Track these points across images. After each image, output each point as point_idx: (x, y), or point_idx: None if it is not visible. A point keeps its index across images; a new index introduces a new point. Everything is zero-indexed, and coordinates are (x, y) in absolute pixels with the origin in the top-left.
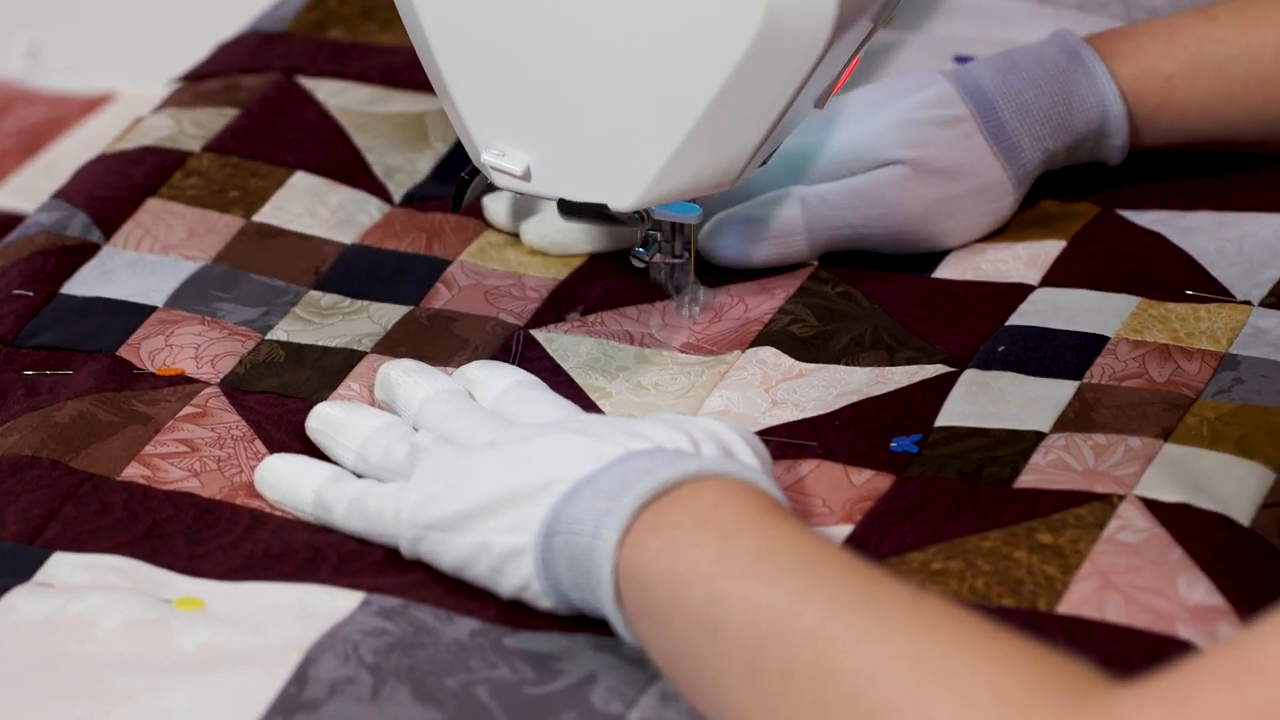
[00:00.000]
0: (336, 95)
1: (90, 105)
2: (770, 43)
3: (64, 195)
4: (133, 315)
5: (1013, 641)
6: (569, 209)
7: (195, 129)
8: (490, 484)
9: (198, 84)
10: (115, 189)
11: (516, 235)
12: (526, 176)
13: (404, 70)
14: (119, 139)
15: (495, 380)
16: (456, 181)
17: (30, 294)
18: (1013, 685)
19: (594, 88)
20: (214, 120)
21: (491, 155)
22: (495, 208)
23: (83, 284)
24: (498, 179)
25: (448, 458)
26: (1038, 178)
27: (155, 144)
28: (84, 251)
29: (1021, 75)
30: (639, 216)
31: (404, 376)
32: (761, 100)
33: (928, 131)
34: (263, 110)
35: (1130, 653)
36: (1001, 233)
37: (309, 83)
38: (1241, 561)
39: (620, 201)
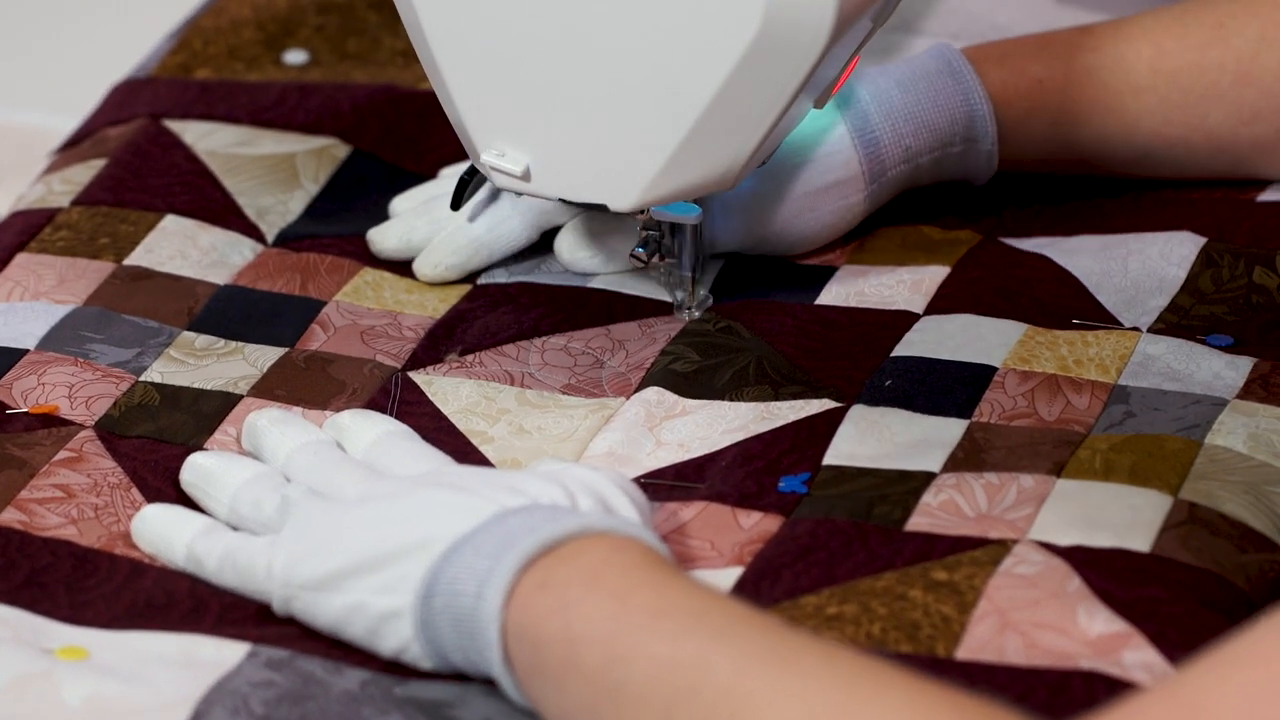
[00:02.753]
0: (204, 138)
1: None
2: (769, 43)
3: None
4: (3, 359)
5: (935, 691)
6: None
7: (63, 185)
8: (362, 542)
9: (70, 149)
10: None
11: (404, 263)
12: (526, 177)
13: (271, 109)
14: None
15: (365, 430)
16: (457, 181)
17: None
18: None
19: (593, 88)
20: (82, 174)
21: (491, 155)
22: (382, 241)
23: None
24: (497, 179)
25: (318, 512)
26: (911, 199)
27: (24, 208)
28: None
29: (890, 78)
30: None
31: (270, 427)
32: (761, 100)
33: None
34: (130, 157)
35: (1034, 691)
36: (881, 255)
37: (176, 125)
38: (1141, 582)
39: (620, 202)
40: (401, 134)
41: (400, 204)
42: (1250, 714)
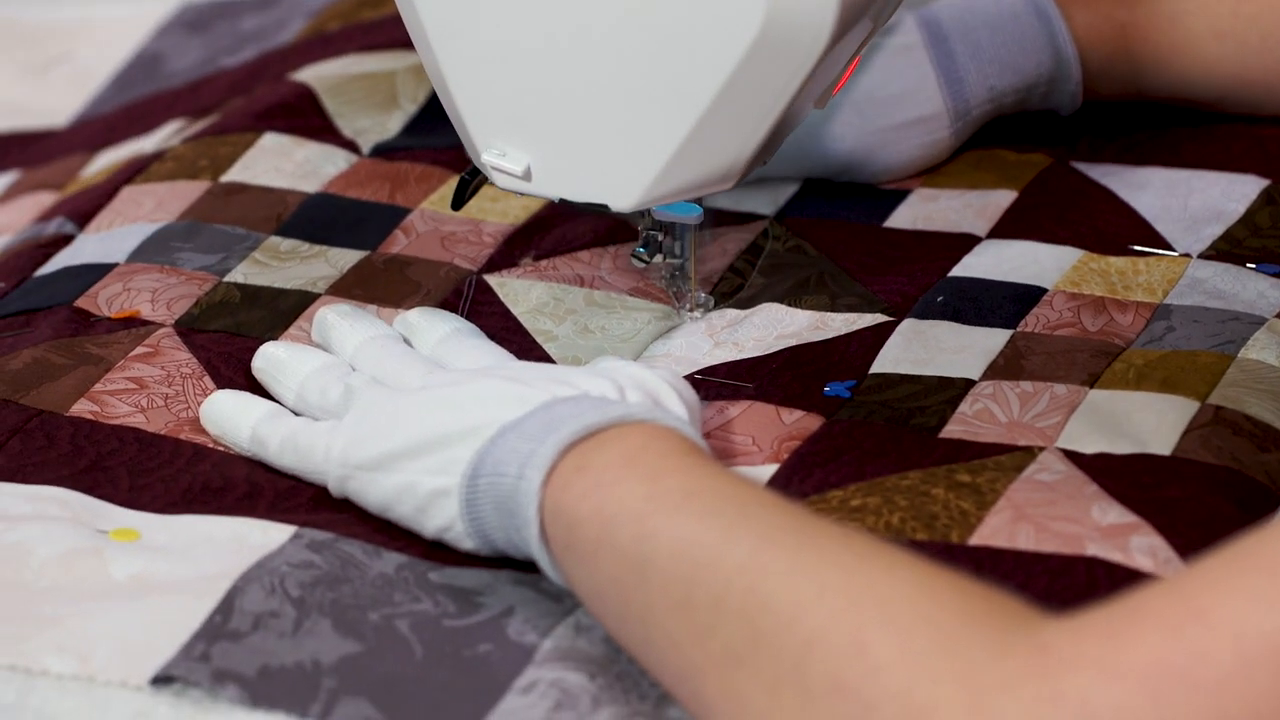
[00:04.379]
0: (313, 69)
1: None
2: (771, 43)
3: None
4: (94, 273)
5: (943, 574)
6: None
7: (177, 136)
8: (418, 426)
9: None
10: (96, 192)
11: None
12: (526, 176)
13: (381, 35)
14: None
15: (434, 327)
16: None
17: (3, 285)
18: (945, 615)
19: (595, 87)
20: (196, 128)
21: (492, 155)
22: None
23: (53, 265)
24: (498, 179)
25: (379, 399)
26: (992, 123)
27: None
28: (59, 243)
29: (977, 15)
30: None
31: (339, 320)
32: (762, 100)
33: (879, 56)
34: (240, 98)
35: (1035, 577)
36: (955, 178)
37: (292, 73)
38: (1157, 484)
39: (621, 202)
40: None
41: None
42: (1252, 622)
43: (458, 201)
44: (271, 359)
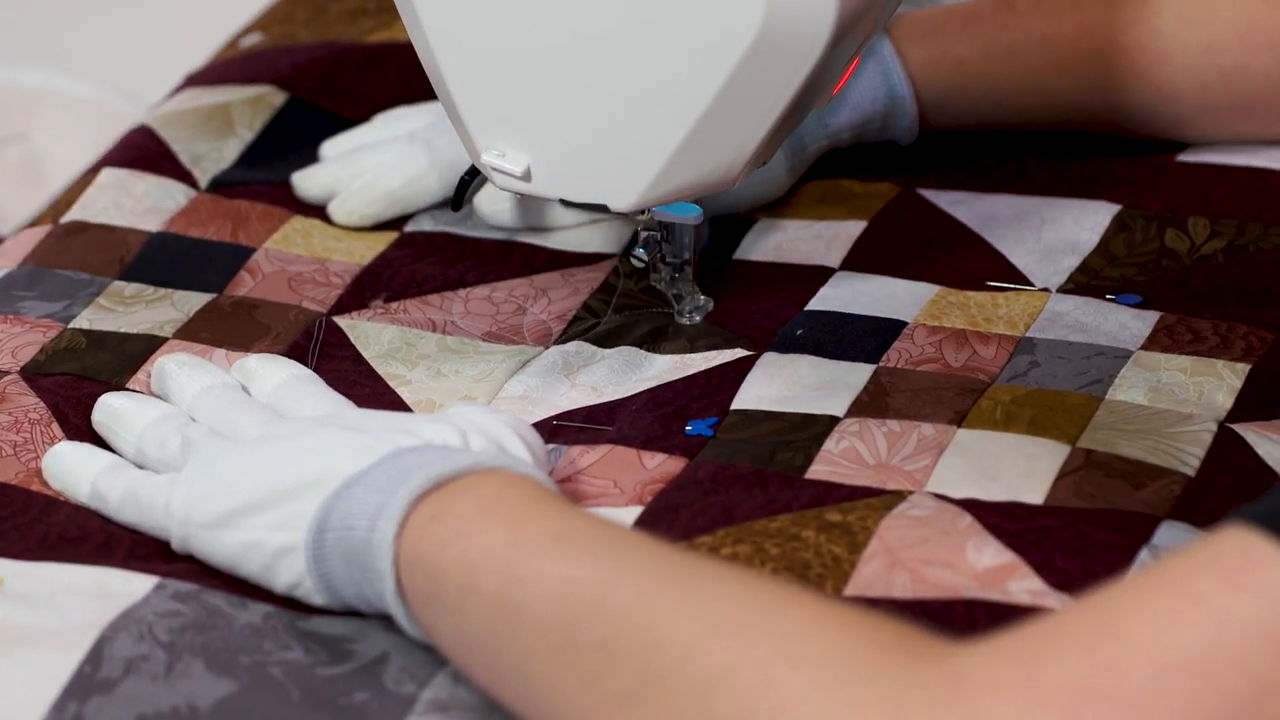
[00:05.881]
0: (150, 111)
1: None
2: (770, 43)
3: None
4: None
5: (843, 607)
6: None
7: None
8: (258, 481)
9: None
10: None
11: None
12: (526, 177)
13: (214, 75)
14: None
15: (271, 374)
16: (457, 182)
17: None
18: (852, 646)
19: (594, 88)
20: None
21: (491, 156)
22: (305, 186)
23: None
24: (497, 179)
25: (216, 452)
26: (834, 154)
27: None
28: None
29: None
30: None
31: (178, 370)
32: (762, 100)
33: None
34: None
35: (915, 619)
36: (800, 210)
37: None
38: (1031, 514)
39: (620, 202)
40: (339, 82)
41: (329, 149)
42: (1166, 638)
43: (457, 202)
44: (110, 411)
